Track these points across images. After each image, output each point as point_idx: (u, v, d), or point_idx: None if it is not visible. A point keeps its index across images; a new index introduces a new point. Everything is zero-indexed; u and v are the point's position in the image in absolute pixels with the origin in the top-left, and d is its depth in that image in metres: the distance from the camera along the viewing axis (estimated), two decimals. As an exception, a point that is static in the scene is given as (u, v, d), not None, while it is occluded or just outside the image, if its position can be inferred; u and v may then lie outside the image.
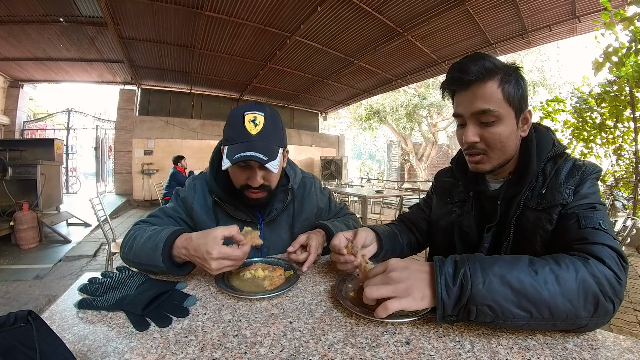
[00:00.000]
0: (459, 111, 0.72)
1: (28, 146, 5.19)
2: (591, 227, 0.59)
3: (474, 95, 0.68)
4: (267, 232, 0.96)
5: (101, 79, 8.19)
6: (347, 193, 5.74)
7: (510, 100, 0.67)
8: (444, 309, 0.48)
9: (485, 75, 0.67)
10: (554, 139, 0.77)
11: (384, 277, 0.54)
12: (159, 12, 4.66)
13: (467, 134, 0.70)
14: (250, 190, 0.84)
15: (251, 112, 0.81)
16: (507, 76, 0.68)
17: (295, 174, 1.03)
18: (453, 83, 0.72)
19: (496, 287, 0.47)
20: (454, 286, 0.48)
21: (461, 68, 0.69)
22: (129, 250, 0.78)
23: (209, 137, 9.07)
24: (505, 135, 0.69)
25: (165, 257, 0.68)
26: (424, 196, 1.07)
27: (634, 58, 2.76)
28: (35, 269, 3.18)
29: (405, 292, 0.50)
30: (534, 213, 0.70)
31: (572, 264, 0.51)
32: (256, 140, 0.79)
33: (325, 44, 5.81)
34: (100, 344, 0.47)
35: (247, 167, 0.82)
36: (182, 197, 0.95)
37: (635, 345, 0.47)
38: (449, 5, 4.52)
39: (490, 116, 0.67)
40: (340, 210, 1.17)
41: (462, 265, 0.50)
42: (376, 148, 22.65)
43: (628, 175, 3.34)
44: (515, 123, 0.70)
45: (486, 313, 0.47)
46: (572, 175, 0.69)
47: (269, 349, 0.46)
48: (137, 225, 0.87)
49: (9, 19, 4.89)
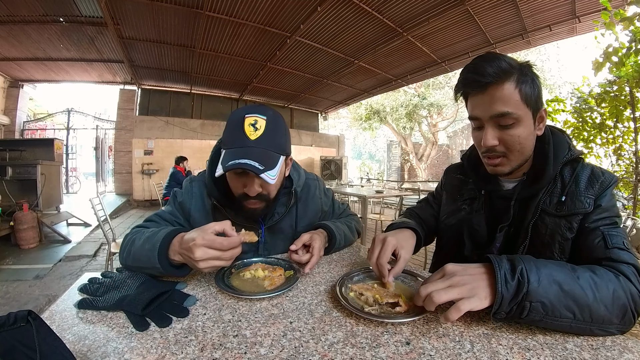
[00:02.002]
0: (476, 114, 0.70)
1: (28, 146, 5.20)
2: (617, 248, 0.61)
3: (492, 97, 0.66)
4: (268, 237, 0.93)
5: (101, 79, 8.19)
6: (347, 193, 5.73)
7: (527, 100, 0.66)
8: (501, 304, 0.49)
9: (502, 76, 0.65)
10: (569, 143, 0.76)
11: (446, 281, 0.53)
12: (159, 12, 4.66)
13: (487, 137, 0.69)
14: (248, 200, 0.79)
15: (252, 115, 0.75)
16: (524, 76, 0.66)
17: (299, 176, 0.97)
18: (468, 85, 0.70)
19: (549, 286, 0.50)
20: (512, 281, 0.50)
21: (476, 69, 0.67)
22: (127, 255, 0.75)
23: (209, 137, 9.07)
24: (524, 137, 0.68)
25: (162, 257, 0.65)
26: (432, 191, 1.06)
27: (634, 58, 2.76)
28: (35, 269, 3.18)
29: (471, 292, 0.51)
30: (553, 219, 0.70)
31: (607, 275, 0.55)
32: (254, 146, 0.73)
33: (325, 44, 5.81)
34: (100, 344, 0.47)
35: (243, 174, 0.77)
36: (179, 201, 0.90)
37: (635, 345, 0.47)
38: (449, 5, 4.52)
39: (509, 119, 0.66)
40: (344, 212, 1.16)
41: (518, 263, 0.52)
42: (376, 148, 22.65)
43: (628, 175, 3.34)
44: (532, 123, 0.69)
45: (538, 310, 0.49)
46: (592, 185, 0.69)
47: (269, 349, 0.46)
48: (134, 229, 0.83)
49: (9, 19, 4.89)
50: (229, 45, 5.87)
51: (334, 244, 0.90)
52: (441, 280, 0.54)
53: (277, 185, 0.83)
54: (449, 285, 0.52)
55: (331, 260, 0.88)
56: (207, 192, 0.89)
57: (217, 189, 0.85)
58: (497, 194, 0.79)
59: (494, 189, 0.80)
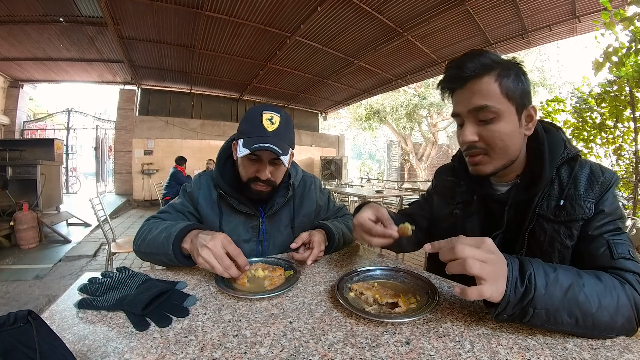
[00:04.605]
0: (457, 110, 0.69)
1: (28, 146, 5.20)
2: (623, 258, 0.59)
3: (471, 91, 0.65)
4: (268, 225, 1.01)
5: (101, 79, 8.18)
6: (347, 193, 5.73)
7: (509, 95, 0.64)
8: (506, 307, 0.48)
9: (482, 70, 0.64)
10: (565, 140, 0.72)
11: (485, 255, 0.49)
12: (159, 12, 4.66)
13: (465, 133, 0.66)
14: (257, 183, 0.90)
15: (269, 112, 0.88)
16: (506, 70, 0.64)
17: (296, 172, 1.08)
18: (450, 81, 0.69)
19: (555, 293, 0.49)
20: (521, 287, 0.48)
21: (458, 65, 0.66)
22: (142, 241, 0.84)
23: (209, 137, 9.07)
24: (506, 133, 0.65)
25: (176, 245, 0.74)
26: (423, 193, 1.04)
27: (634, 58, 2.76)
28: (35, 269, 3.18)
29: (496, 280, 0.48)
30: (552, 225, 0.67)
31: (612, 282, 0.54)
32: (271, 136, 0.85)
33: (325, 44, 5.81)
34: (100, 344, 0.47)
35: (257, 161, 0.88)
36: (188, 192, 1.01)
37: (636, 345, 0.47)
38: (449, 5, 4.52)
39: (488, 112, 0.64)
40: (339, 210, 1.19)
41: (527, 267, 0.50)
42: (376, 148, 22.63)
43: (628, 175, 3.34)
44: (517, 120, 0.66)
45: (541, 317, 0.48)
46: (592, 186, 0.66)
47: (269, 349, 0.46)
48: (149, 220, 0.93)
49: (9, 19, 4.89)
50: (229, 45, 5.87)
51: (333, 242, 0.91)
52: (480, 251, 0.49)
53: (282, 173, 0.96)
54: (485, 260, 0.48)
55: (331, 260, 0.88)
56: (213, 184, 1.00)
57: (223, 180, 0.96)
58: (491, 198, 0.76)
59: (487, 192, 0.77)
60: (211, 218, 0.97)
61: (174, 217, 0.96)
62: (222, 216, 0.97)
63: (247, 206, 0.96)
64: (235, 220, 0.98)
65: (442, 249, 0.51)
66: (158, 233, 0.81)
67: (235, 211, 0.97)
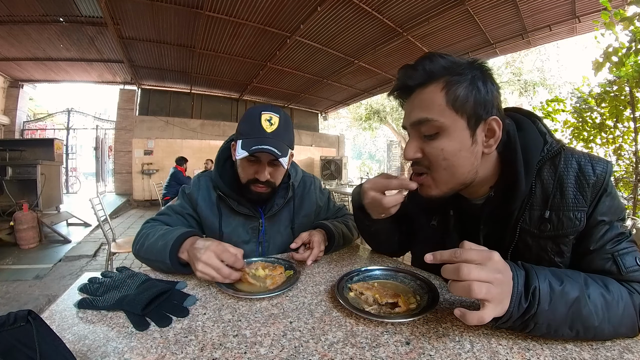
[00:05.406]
0: (403, 122, 0.62)
1: (28, 146, 5.19)
2: (632, 271, 0.54)
3: (413, 103, 0.59)
4: (268, 226, 1.00)
5: (101, 79, 8.18)
6: (347, 193, 5.74)
7: (457, 106, 0.54)
8: (507, 321, 0.46)
9: (427, 78, 0.56)
10: (544, 132, 0.62)
11: (490, 275, 0.45)
12: (159, 12, 4.65)
13: (406, 148, 0.59)
14: (256, 184, 0.89)
15: (268, 112, 0.87)
16: (457, 76, 0.55)
17: (296, 172, 1.07)
18: (397, 90, 0.62)
19: (558, 308, 0.46)
20: (525, 303, 0.46)
21: (406, 72, 0.59)
22: (140, 247, 0.83)
23: (209, 137, 9.06)
24: (450, 152, 0.56)
25: (173, 254, 0.72)
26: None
27: (634, 58, 2.76)
28: (35, 269, 3.18)
29: (500, 301, 0.45)
30: (536, 241, 0.60)
31: (619, 291, 0.51)
32: (270, 137, 0.84)
33: (325, 44, 5.81)
34: (100, 344, 0.47)
35: (256, 162, 0.87)
36: (187, 194, 1.00)
37: (636, 345, 0.47)
38: (449, 5, 4.52)
39: (430, 127, 0.56)
40: (339, 211, 1.18)
41: (533, 280, 0.47)
42: (376, 148, 22.62)
43: (628, 175, 3.34)
44: (468, 136, 0.56)
45: (542, 330, 0.47)
46: (582, 191, 0.56)
47: (269, 348, 0.46)
48: (147, 223, 0.92)
49: (9, 19, 4.88)
50: (229, 45, 5.87)
51: (333, 242, 0.91)
52: (486, 272, 0.44)
53: (282, 174, 0.95)
54: (491, 281, 0.44)
55: (331, 260, 0.88)
56: (212, 185, 0.99)
57: (222, 181, 0.95)
58: (466, 213, 0.68)
59: (461, 206, 0.68)
60: (211, 219, 0.96)
61: (173, 220, 0.95)
62: (221, 217, 0.96)
63: (247, 207, 0.96)
64: (235, 222, 0.98)
65: (444, 260, 0.47)
66: (155, 240, 0.79)
67: (234, 212, 0.97)
